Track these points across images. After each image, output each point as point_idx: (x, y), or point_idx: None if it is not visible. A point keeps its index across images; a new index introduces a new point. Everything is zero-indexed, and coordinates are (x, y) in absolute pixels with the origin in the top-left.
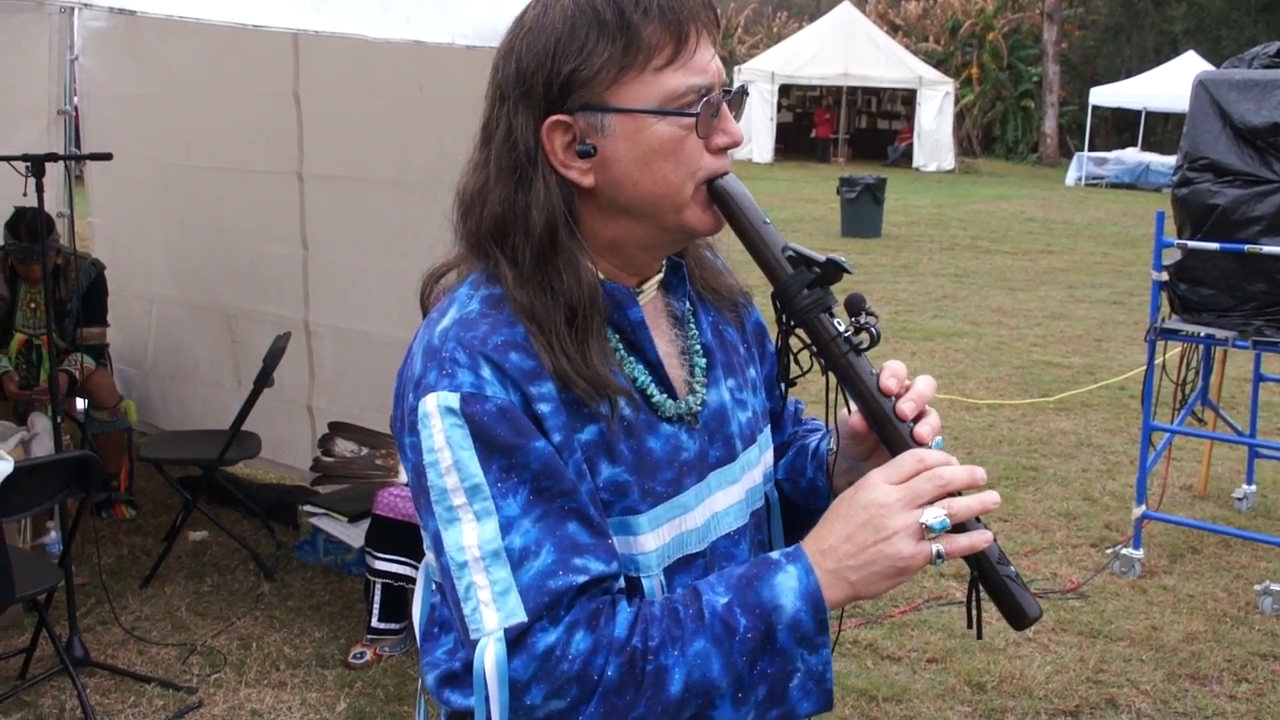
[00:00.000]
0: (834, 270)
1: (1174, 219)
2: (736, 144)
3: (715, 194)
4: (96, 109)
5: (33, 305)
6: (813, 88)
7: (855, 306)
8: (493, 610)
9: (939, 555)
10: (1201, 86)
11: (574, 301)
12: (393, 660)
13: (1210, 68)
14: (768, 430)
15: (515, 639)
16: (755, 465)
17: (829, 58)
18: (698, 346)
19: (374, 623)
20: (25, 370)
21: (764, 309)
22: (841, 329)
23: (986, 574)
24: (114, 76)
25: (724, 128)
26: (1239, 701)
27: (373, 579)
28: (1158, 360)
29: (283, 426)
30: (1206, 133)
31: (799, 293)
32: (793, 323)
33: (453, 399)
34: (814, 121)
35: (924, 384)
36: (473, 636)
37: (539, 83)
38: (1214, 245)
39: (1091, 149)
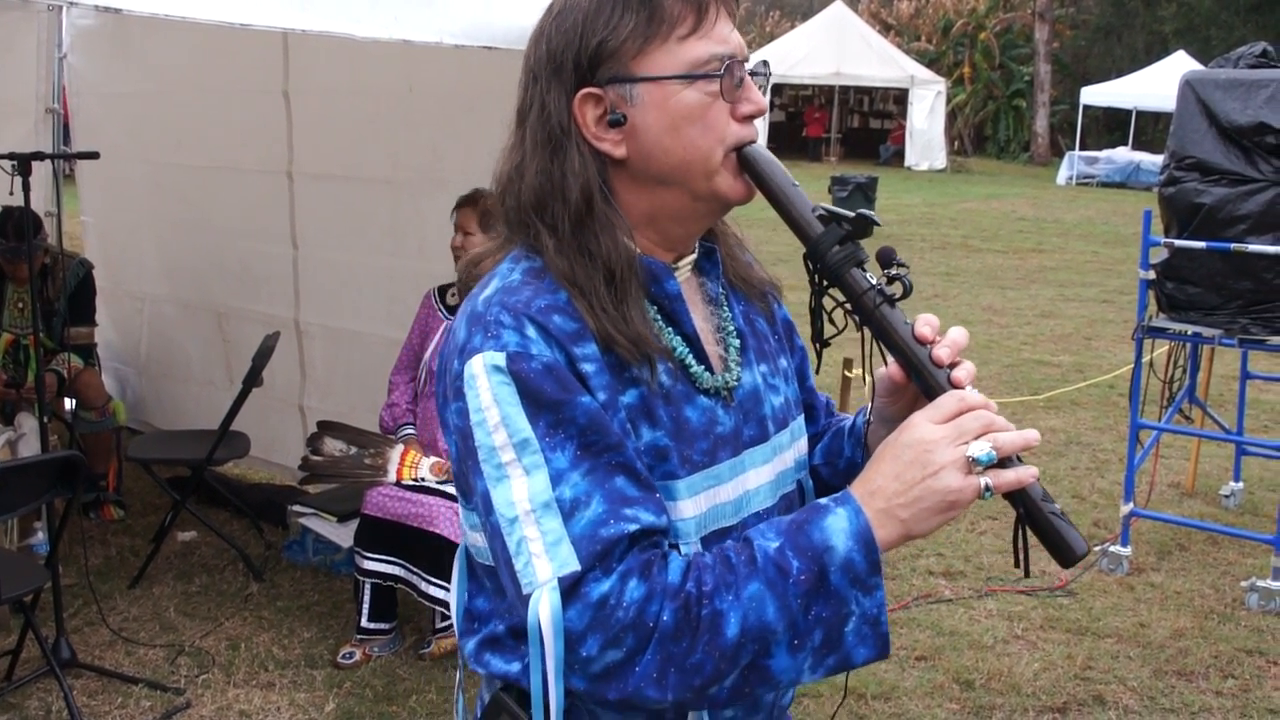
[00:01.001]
0: (864, 224)
1: (1161, 218)
2: (761, 112)
3: (744, 161)
4: (86, 107)
5: (20, 305)
6: (805, 87)
7: (886, 259)
8: (545, 561)
9: (987, 489)
10: (1188, 86)
11: (611, 264)
12: (381, 660)
13: (1200, 67)
14: (801, 420)
15: (569, 589)
16: (786, 449)
17: (821, 57)
18: (731, 328)
19: (363, 623)
20: (13, 370)
21: (792, 307)
22: (874, 282)
23: (1032, 512)
24: (103, 75)
25: (748, 96)
26: (1225, 697)
27: (362, 579)
28: (1145, 358)
29: (274, 426)
30: (1193, 132)
31: (830, 249)
32: (825, 282)
33: (499, 358)
34: (806, 121)
35: (958, 332)
36: (525, 591)
37: (569, 59)
38: (1200, 244)
39: (1082, 148)
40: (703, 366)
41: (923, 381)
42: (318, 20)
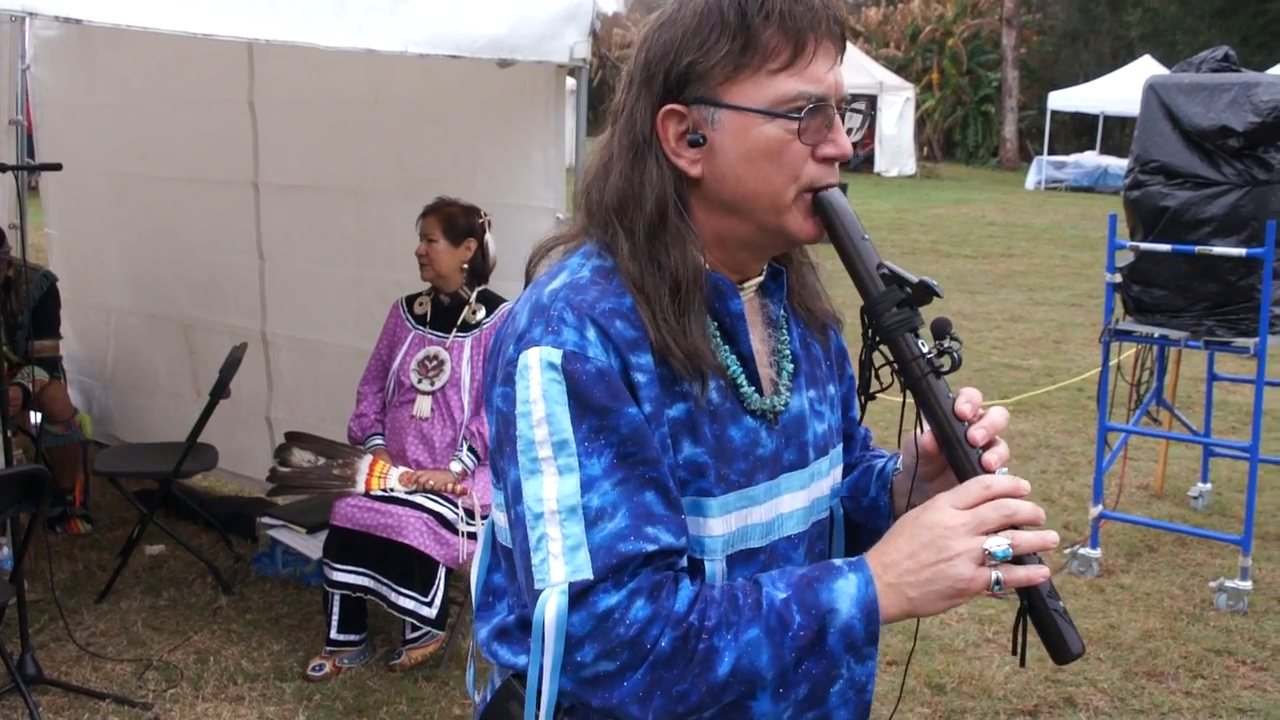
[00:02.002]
0: (925, 292)
1: (1126, 221)
2: (844, 157)
3: (818, 205)
4: (49, 119)
5: None
6: None
7: (941, 330)
8: (561, 563)
9: (997, 582)
10: (1151, 91)
11: (678, 276)
12: (351, 672)
13: (1166, 72)
14: (840, 448)
15: (578, 595)
16: (824, 477)
17: None
18: (787, 352)
19: (333, 634)
20: None
21: (851, 331)
22: (925, 350)
23: (1036, 607)
24: (67, 86)
25: (833, 139)
26: (1194, 698)
27: (331, 590)
28: (1113, 361)
29: (241, 438)
30: (1157, 136)
31: (888, 310)
32: (878, 339)
33: (555, 355)
34: None
35: (998, 414)
36: (537, 587)
37: (660, 72)
38: (1165, 247)
39: (1051, 153)
40: (753, 388)
41: (954, 457)
42: (282, 30)
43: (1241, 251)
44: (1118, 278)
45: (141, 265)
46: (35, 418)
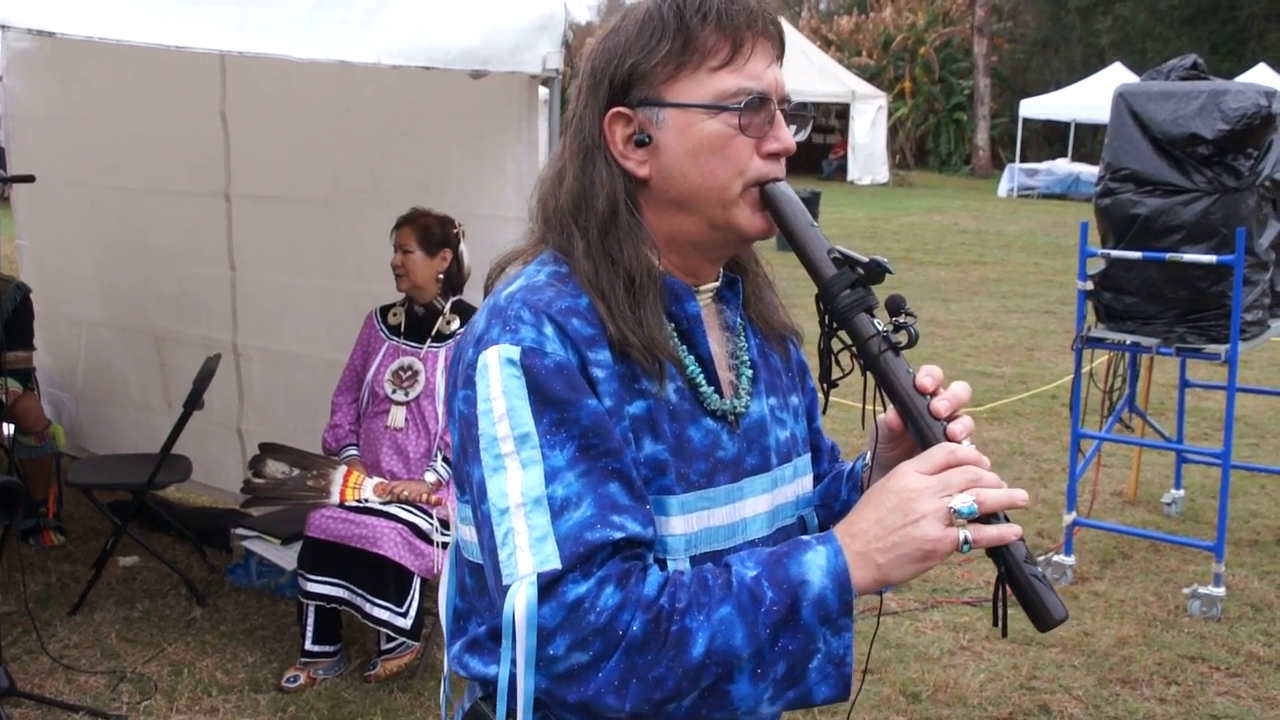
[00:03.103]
0: (877, 271)
1: (1098, 229)
2: (788, 151)
3: (766, 196)
4: (21, 130)
5: None
6: None
7: (895, 307)
8: (528, 555)
9: (966, 542)
10: (1121, 99)
11: (632, 271)
12: (326, 683)
13: (1136, 79)
14: (807, 458)
15: (547, 586)
16: (787, 483)
17: None
18: (746, 358)
19: (307, 646)
20: None
21: (810, 341)
22: (880, 328)
23: (1013, 572)
24: (39, 97)
25: (775, 134)
26: (1169, 704)
27: (306, 601)
28: (1086, 368)
29: (213, 449)
30: (1127, 144)
31: (841, 292)
32: (834, 324)
33: (513, 351)
34: None
35: (959, 387)
36: (505, 582)
37: (605, 78)
38: (1136, 254)
39: (1023, 160)
40: (713, 389)
41: (918, 431)
42: (254, 42)
43: (1212, 258)
44: (1089, 285)
45: (113, 277)
46: (8, 429)
